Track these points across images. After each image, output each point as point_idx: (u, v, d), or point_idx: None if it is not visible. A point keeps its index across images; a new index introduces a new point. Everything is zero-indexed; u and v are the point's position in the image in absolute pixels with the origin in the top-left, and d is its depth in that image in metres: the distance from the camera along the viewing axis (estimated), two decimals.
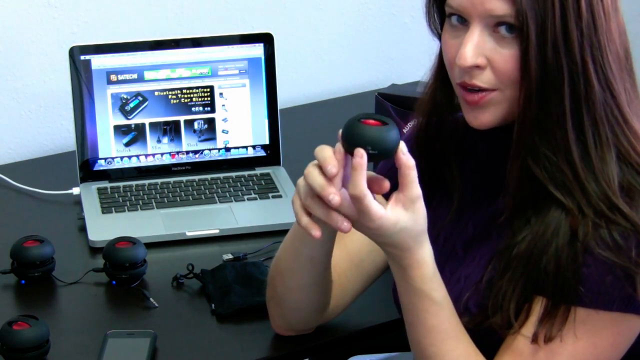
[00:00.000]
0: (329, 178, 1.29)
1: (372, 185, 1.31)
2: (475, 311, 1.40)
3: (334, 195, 1.28)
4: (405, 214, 1.31)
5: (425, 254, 1.35)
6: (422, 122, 1.50)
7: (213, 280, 1.73)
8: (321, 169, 1.29)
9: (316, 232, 1.33)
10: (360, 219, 1.30)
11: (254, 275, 1.74)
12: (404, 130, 2.06)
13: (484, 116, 1.36)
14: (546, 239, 1.33)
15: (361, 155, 1.27)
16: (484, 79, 1.34)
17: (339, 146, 1.30)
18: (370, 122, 1.29)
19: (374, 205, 1.29)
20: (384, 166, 1.55)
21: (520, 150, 1.34)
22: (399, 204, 1.31)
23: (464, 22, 1.34)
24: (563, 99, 1.30)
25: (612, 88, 1.32)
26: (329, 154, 1.30)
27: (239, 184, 2.06)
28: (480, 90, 1.35)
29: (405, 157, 1.30)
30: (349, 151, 1.29)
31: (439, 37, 1.41)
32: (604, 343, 1.33)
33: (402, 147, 1.30)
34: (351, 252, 1.58)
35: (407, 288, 1.36)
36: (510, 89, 1.34)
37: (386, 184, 1.32)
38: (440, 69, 1.43)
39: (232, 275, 1.73)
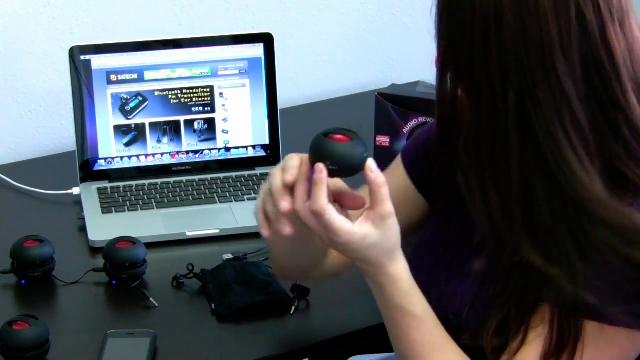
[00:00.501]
0: (285, 185, 1.30)
1: (347, 200, 1.32)
2: (481, 312, 1.39)
3: (285, 202, 1.30)
4: (375, 230, 1.31)
5: (399, 270, 1.35)
6: (437, 123, 1.48)
7: (213, 280, 1.73)
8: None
9: (265, 231, 1.37)
10: (326, 234, 1.30)
11: (254, 275, 1.74)
12: (403, 130, 2.06)
13: None
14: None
15: (320, 171, 1.28)
16: None
17: (306, 157, 1.31)
18: (338, 137, 1.31)
19: (338, 220, 1.29)
20: (408, 157, 1.57)
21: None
22: (368, 220, 1.31)
23: None
24: (507, 109, 1.28)
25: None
26: (294, 164, 1.32)
27: (239, 184, 2.06)
28: None
29: (374, 175, 1.30)
30: (313, 165, 1.29)
31: None
32: (612, 357, 1.32)
33: (371, 164, 1.31)
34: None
35: (386, 304, 1.37)
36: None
37: (362, 201, 1.33)
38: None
39: (232, 275, 1.73)
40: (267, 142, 2.13)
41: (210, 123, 2.10)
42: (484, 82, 1.27)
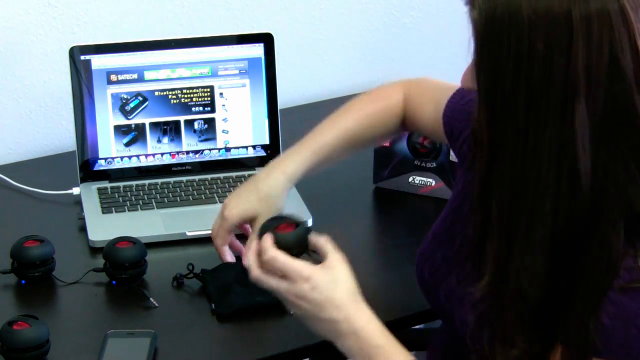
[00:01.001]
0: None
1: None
2: (479, 347, 1.37)
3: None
4: (332, 270, 1.45)
5: (368, 313, 1.45)
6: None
7: (213, 280, 1.73)
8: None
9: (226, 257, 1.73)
10: (289, 283, 1.44)
11: None
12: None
13: None
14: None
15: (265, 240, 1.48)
16: None
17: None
18: (282, 227, 1.49)
19: (293, 260, 1.44)
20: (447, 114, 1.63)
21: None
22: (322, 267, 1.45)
23: None
24: (517, 128, 1.26)
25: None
26: (218, 244, 1.75)
27: (239, 184, 2.06)
28: None
29: (318, 241, 1.47)
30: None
31: None
32: None
33: (313, 243, 1.47)
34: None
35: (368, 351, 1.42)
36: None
37: None
38: None
39: (232, 275, 1.73)
40: (267, 142, 2.13)
41: (210, 123, 2.10)
42: (508, 116, 1.25)
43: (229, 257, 1.75)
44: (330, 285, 1.44)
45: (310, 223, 1.94)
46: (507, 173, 1.25)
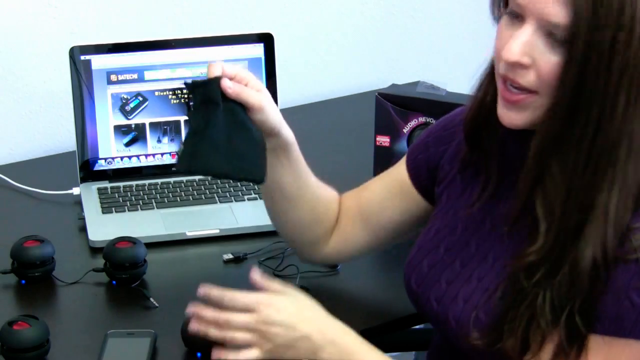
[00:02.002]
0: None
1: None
2: (485, 321, 1.38)
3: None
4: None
5: (343, 328, 1.46)
6: (470, 107, 1.50)
7: (197, 99, 1.52)
8: None
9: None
10: (258, 312, 1.45)
11: (238, 132, 1.53)
12: (403, 130, 2.06)
13: (518, 117, 1.35)
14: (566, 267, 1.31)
15: None
16: (526, 78, 1.32)
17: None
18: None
19: (252, 295, 1.47)
20: (412, 157, 1.63)
21: (535, 165, 1.33)
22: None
23: (520, 18, 1.32)
24: (589, 122, 1.28)
25: (633, 128, 1.29)
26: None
27: (239, 183, 2.06)
28: (521, 90, 1.33)
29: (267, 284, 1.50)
30: None
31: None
32: None
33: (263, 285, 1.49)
34: (362, 204, 1.67)
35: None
36: (548, 96, 1.31)
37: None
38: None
39: (221, 122, 1.52)
40: None
41: None
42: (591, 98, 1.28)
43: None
44: (294, 305, 1.47)
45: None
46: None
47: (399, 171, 1.65)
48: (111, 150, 2.07)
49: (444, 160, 1.58)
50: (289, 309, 1.46)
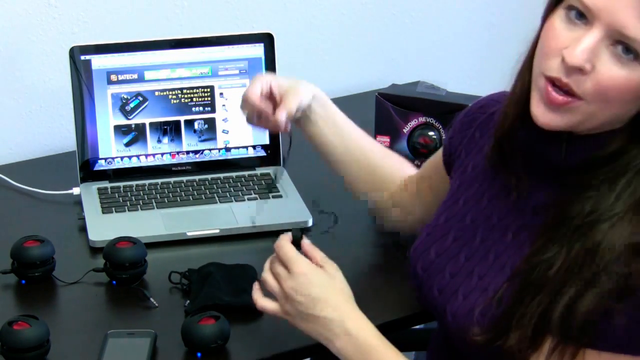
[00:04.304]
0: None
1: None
2: (484, 322, 1.38)
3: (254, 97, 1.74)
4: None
5: (360, 315, 1.48)
6: (502, 110, 1.47)
7: (197, 279, 1.73)
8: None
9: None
10: (292, 275, 1.48)
11: (238, 277, 1.74)
12: (403, 130, 2.06)
13: (556, 119, 1.31)
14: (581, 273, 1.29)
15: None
16: (582, 86, 1.27)
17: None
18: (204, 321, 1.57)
19: (299, 257, 1.50)
20: (448, 138, 1.65)
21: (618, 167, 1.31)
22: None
23: (584, 19, 1.27)
24: None
25: None
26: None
27: (239, 184, 2.06)
28: (568, 93, 1.29)
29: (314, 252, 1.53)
30: None
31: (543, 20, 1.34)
32: None
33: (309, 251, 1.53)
34: (423, 173, 1.76)
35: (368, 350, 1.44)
36: (598, 105, 1.28)
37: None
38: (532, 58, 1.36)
39: (217, 276, 1.73)
40: (267, 142, 2.13)
41: (211, 123, 2.10)
42: None
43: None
44: (327, 285, 1.47)
45: (310, 223, 1.94)
46: None
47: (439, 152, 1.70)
48: (111, 150, 2.07)
49: (462, 145, 1.59)
50: (320, 286, 1.47)
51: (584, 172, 1.33)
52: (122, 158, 2.08)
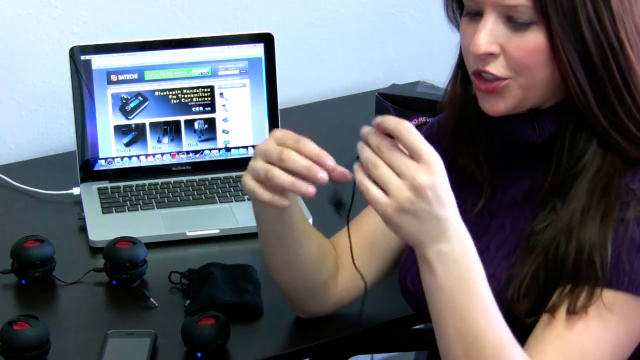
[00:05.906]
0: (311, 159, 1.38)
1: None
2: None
3: (323, 172, 1.39)
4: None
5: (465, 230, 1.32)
6: (445, 114, 1.54)
7: (197, 280, 1.73)
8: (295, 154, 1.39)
9: (284, 202, 1.40)
10: (422, 164, 1.26)
11: (238, 278, 1.73)
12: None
13: (499, 104, 1.39)
14: (573, 222, 1.35)
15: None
16: (497, 67, 1.37)
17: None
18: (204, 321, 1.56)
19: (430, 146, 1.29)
20: None
21: (581, 126, 1.38)
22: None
23: (479, 15, 1.38)
24: (613, 73, 1.34)
25: None
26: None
27: (239, 184, 2.06)
28: (495, 78, 1.37)
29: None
30: None
31: (458, 28, 1.46)
32: (636, 327, 1.33)
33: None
34: (365, 234, 1.59)
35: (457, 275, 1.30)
36: (524, 76, 1.36)
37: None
38: (461, 61, 1.47)
39: (218, 276, 1.73)
40: None
41: (211, 123, 2.10)
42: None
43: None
44: (449, 186, 1.30)
45: (310, 223, 1.94)
46: None
47: None
48: (111, 150, 2.07)
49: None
50: (448, 185, 1.27)
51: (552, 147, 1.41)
52: (122, 158, 2.08)
